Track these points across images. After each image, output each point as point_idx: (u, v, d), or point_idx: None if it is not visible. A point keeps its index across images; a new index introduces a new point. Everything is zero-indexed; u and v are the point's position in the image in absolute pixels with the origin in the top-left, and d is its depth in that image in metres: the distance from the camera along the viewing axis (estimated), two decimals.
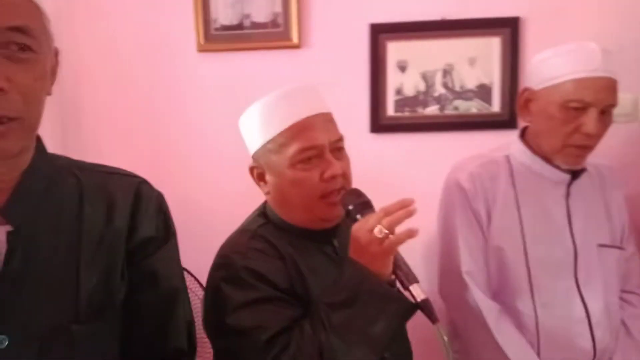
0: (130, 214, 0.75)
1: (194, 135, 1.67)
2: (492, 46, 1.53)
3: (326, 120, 0.96)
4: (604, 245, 1.16)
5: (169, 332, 0.79)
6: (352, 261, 0.83)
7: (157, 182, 0.84)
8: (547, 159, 1.16)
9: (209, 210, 1.66)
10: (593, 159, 1.19)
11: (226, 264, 0.93)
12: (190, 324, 0.84)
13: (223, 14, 1.58)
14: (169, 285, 0.80)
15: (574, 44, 1.10)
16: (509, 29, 1.51)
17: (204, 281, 1.34)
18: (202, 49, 1.61)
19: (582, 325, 1.12)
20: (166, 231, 0.81)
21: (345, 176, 0.94)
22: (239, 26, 1.58)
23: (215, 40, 1.60)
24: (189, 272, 1.35)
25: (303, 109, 0.94)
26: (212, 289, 0.93)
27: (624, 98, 1.37)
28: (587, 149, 1.10)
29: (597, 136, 1.08)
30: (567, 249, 1.15)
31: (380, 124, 1.58)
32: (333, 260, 0.90)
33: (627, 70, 1.25)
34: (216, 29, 1.59)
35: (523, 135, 1.22)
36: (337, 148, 0.95)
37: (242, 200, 1.58)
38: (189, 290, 1.30)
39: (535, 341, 1.13)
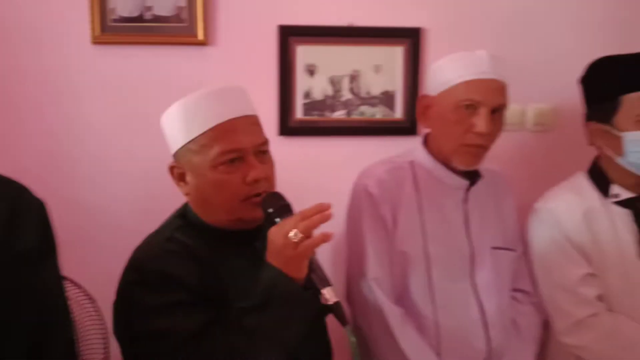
0: (6, 224, 0.67)
1: (87, 134, 1.53)
2: (395, 55, 1.58)
3: (251, 123, 0.95)
4: (497, 247, 1.23)
5: (47, 354, 0.71)
6: (267, 264, 0.83)
7: (45, 186, 0.77)
8: (447, 165, 1.21)
9: (104, 215, 1.53)
10: (487, 166, 1.26)
11: (138, 266, 0.90)
12: (73, 344, 0.77)
13: (122, 4, 1.47)
14: (48, 302, 0.72)
15: (465, 52, 1.19)
16: (411, 39, 1.58)
17: (94, 291, 1.25)
18: (97, 41, 1.48)
19: (478, 326, 1.18)
20: (47, 243, 0.73)
21: (269, 180, 0.94)
22: (140, 18, 1.48)
23: (113, 32, 1.48)
24: (75, 283, 1.23)
25: (228, 110, 0.92)
26: (123, 293, 0.90)
27: (512, 108, 1.49)
28: (481, 148, 1.16)
29: (489, 135, 1.14)
30: (464, 252, 1.20)
31: (289, 127, 1.57)
32: (254, 263, 0.89)
33: (517, 82, 1.36)
34: (114, 20, 1.48)
35: (426, 141, 1.27)
36: (262, 151, 0.94)
37: (140, 204, 1.49)
38: (76, 303, 1.20)
39: (436, 343, 1.16)
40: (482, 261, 1.21)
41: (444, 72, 1.18)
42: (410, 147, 1.30)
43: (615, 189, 1.21)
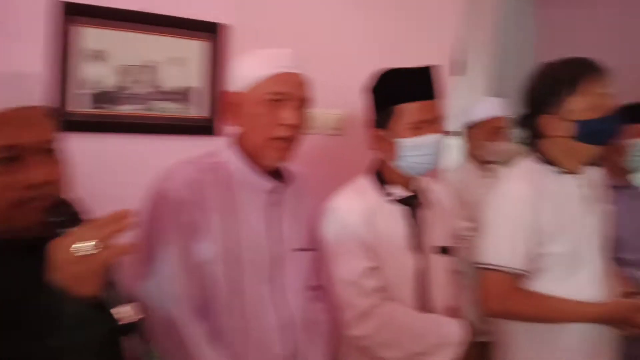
0: None
1: None
2: (197, 49, 1.51)
3: (34, 115, 0.83)
4: (299, 249, 1.25)
5: None
6: (49, 283, 0.73)
7: None
8: (255, 166, 1.19)
9: None
10: (290, 167, 1.28)
11: None
12: None
13: None
14: None
15: (269, 49, 1.20)
16: (214, 34, 1.53)
17: None
18: None
19: (281, 331, 1.18)
20: None
21: (54, 184, 0.83)
22: None
23: None
24: None
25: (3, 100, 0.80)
26: None
27: (331, 114, 1.56)
28: (289, 140, 1.17)
29: (296, 127, 1.16)
30: (268, 257, 1.19)
31: (69, 122, 1.35)
32: (35, 281, 0.76)
33: (335, 89, 1.43)
34: None
35: (236, 141, 1.23)
36: (47, 150, 0.82)
37: None
38: None
39: (243, 355, 1.13)
40: (284, 264, 1.22)
41: (249, 67, 1.17)
42: (217, 148, 1.25)
43: (391, 188, 1.35)
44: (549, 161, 1.37)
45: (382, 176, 1.37)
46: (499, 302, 1.34)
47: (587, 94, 1.28)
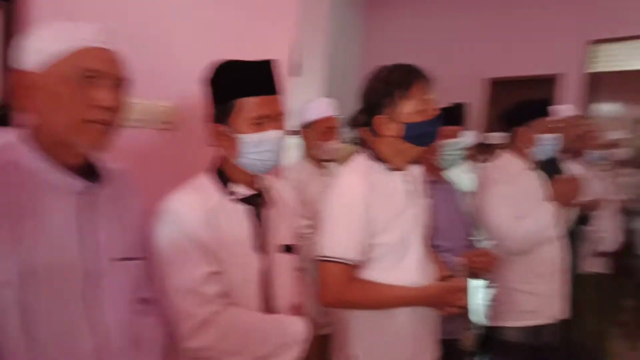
0: None
1: None
2: None
3: None
4: (122, 258, 1.08)
5: None
6: None
7: None
8: (58, 162, 0.99)
9: None
10: (109, 164, 1.11)
11: None
12: None
13: None
14: None
15: (73, 22, 1.01)
16: (8, 2, 1.24)
17: None
18: None
19: (99, 355, 1.01)
20: None
21: None
22: None
23: None
24: None
25: None
26: None
27: (161, 106, 1.40)
28: (107, 124, 1.00)
29: (113, 110, 0.99)
30: (78, 271, 1.00)
31: None
32: None
33: (166, 78, 1.24)
34: None
35: (32, 133, 1.00)
36: None
37: None
38: None
39: None
40: (101, 278, 1.04)
41: (48, 41, 0.97)
42: (7, 142, 1.00)
43: (233, 187, 1.27)
44: (379, 158, 1.46)
45: (224, 174, 1.28)
46: (336, 292, 1.38)
47: (416, 99, 1.39)
